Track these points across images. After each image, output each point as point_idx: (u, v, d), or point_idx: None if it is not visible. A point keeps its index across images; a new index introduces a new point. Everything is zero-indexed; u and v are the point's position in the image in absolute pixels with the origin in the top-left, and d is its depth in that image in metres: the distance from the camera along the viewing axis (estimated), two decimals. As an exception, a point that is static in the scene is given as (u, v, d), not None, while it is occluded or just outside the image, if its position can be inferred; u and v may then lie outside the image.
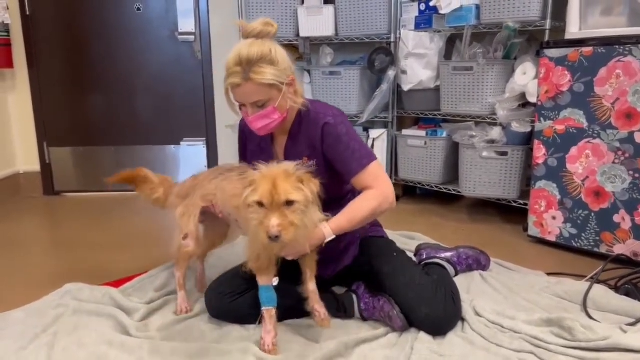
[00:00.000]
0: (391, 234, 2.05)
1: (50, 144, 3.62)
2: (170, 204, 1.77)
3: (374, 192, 1.56)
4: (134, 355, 1.51)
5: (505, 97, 2.67)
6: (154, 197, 1.80)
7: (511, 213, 2.91)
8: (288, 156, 1.68)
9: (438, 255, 2.02)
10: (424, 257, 2.04)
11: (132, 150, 3.62)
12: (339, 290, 1.80)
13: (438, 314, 1.58)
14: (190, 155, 3.62)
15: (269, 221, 1.30)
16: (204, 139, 3.63)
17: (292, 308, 1.64)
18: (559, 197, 2.37)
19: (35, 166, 3.63)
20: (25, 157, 3.62)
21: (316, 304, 1.57)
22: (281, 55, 1.52)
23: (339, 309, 1.72)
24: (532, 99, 2.55)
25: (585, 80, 2.21)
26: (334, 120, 1.60)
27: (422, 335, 1.57)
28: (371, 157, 1.60)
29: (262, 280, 1.51)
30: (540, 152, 2.40)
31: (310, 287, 1.58)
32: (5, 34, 3.28)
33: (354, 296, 1.73)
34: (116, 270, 2.16)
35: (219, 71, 3.54)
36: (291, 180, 1.34)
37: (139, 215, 3.05)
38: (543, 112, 2.37)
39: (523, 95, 2.65)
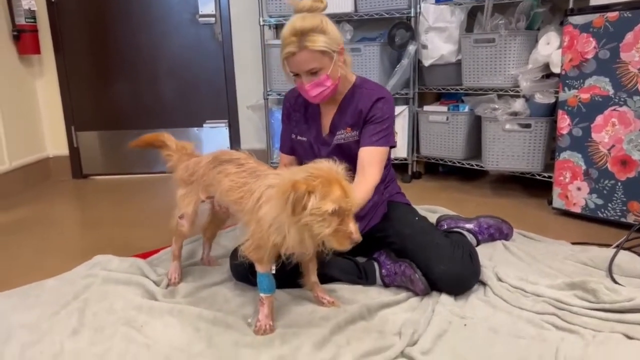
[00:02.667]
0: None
1: (78, 129, 3.71)
2: (174, 180, 1.78)
3: (366, 184, 1.63)
4: (162, 320, 1.55)
5: (528, 68, 2.62)
6: (168, 164, 1.83)
7: (535, 187, 2.87)
8: (333, 126, 1.79)
9: (459, 225, 2.03)
10: (445, 227, 2.04)
11: (157, 133, 3.68)
12: (360, 259, 1.81)
13: (456, 270, 1.61)
14: (212, 137, 3.67)
15: (348, 228, 1.26)
16: (226, 120, 3.67)
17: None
18: (584, 167, 2.33)
19: (64, 150, 3.72)
20: (54, 142, 3.72)
21: (320, 292, 1.61)
22: (331, 26, 1.62)
23: (360, 276, 1.74)
24: (556, 69, 2.50)
25: (611, 47, 2.16)
26: (389, 98, 1.74)
27: (444, 298, 1.58)
28: (386, 142, 1.70)
29: (261, 268, 1.48)
30: (564, 123, 2.36)
31: (312, 278, 1.61)
32: (32, 20, 3.36)
33: (376, 263, 1.75)
34: (143, 245, 2.21)
35: (239, 53, 3.57)
36: (348, 182, 1.30)
37: (164, 196, 3.11)
38: (567, 81, 2.33)
39: (547, 66, 2.60)
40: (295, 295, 1.67)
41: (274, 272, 1.51)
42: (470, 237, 1.99)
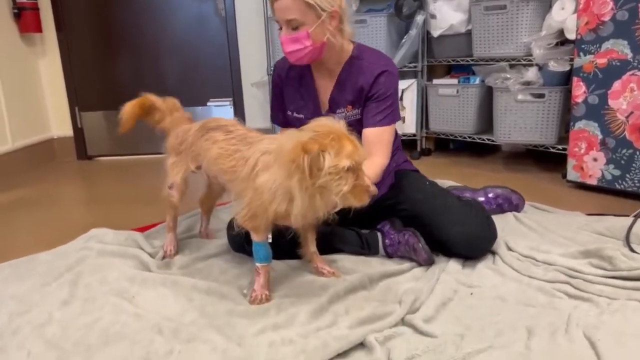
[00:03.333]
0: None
1: (82, 109, 3.66)
2: (165, 148, 1.70)
3: (378, 163, 1.56)
4: (155, 290, 1.49)
5: (541, 35, 2.50)
6: (160, 126, 1.73)
7: (549, 160, 2.76)
8: (333, 102, 1.66)
9: (464, 195, 1.93)
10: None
11: (161, 113, 3.62)
12: (364, 232, 1.73)
13: (471, 230, 1.54)
14: (217, 116, 3.59)
15: (364, 182, 1.22)
16: (231, 98, 3.60)
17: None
18: (600, 136, 2.22)
19: (68, 131, 3.69)
20: (58, 122, 3.68)
21: (320, 263, 1.54)
22: None
23: (363, 247, 1.66)
24: (571, 36, 2.38)
25: (630, 7, 2.04)
26: (392, 70, 1.61)
27: (450, 266, 1.50)
28: (392, 120, 1.61)
29: (257, 237, 1.41)
30: (579, 90, 2.25)
31: (312, 248, 1.54)
32: (33, -2, 3.31)
33: (379, 233, 1.67)
34: (144, 221, 2.16)
35: (242, 28, 3.48)
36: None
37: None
38: (583, 46, 2.21)
39: (561, 33, 2.48)
40: (293, 266, 1.60)
41: (270, 241, 1.44)
42: None
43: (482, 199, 1.94)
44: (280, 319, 1.28)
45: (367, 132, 1.59)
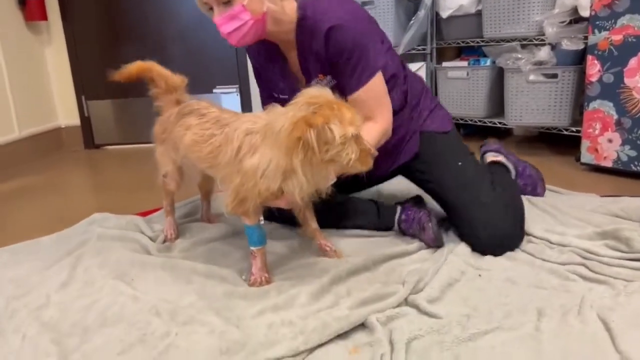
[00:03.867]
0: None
1: (89, 98, 3.64)
2: (152, 137, 1.64)
3: (376, 128, 1.37)
4: (154, 273, 1.47)
5: (554, 13, 2.42)
6: (155, 103, 1.64)
7: (562, 144, 2.68)
8: (307, 74, 1.48)
9: (507, 155, 1.85)
10: (492, 148, 1.89)
11: (167, 101, 3.59)
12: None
13: (503, 233, 1.43)
14: (223, 103, 3.56)
15: (366, 145, 1.18)
16: (237, 86, 3.55)
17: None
18: (615, 117, 2.14)
19: (75, 120, 3.67)
20: (65, 111, 3.66)
21: (322, 240, 1.48)
22: None
23: (378, 216, 1.59)
24: (585, 13, 2.29)
25: (647, -20, 1.95)
26: (342, 22, 1.32)
27: (459, 248, 1.44)
28: (369, 75, 1.36)
29: (248, 221, 1.35)
30: (594, 69, 2.17)
31: (313, 225, 1.48)
32: (37, -15, 3.28)
33: (399, 207, 1.59)
34: (148, 206, 2.13)
35: (249, 14, 3.42)
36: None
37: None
38: (597, 22, 2.12)
39: (575, 10, 2.39)
40: (294, 248, 1.56)
41: (262, 222, 1.39)
42: (513, 173, 1.83)
43: (520, 168, 1.84)
44: (280, 300, 1.24)
45: (350, 99, 1.38)
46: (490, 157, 1.87)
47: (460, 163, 1.54)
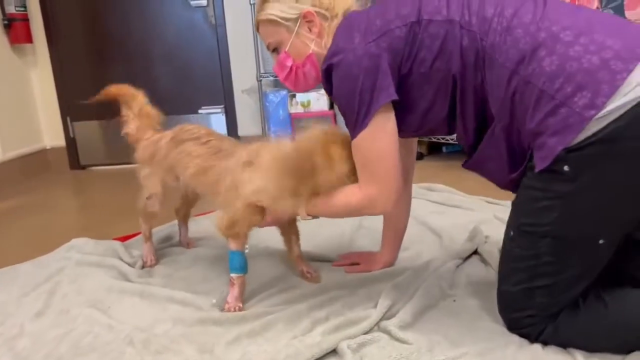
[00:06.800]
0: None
1: (74, 119, 3.64)
2: (135, 158, 1.68)
3: (357, 194, 1.19)
4: (131, 301, 1.47)
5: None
6: (125, 128, 1.70)
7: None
8: None
9: None
10: None
11: (153, 121, 3.61)
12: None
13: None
14: (209, 124, 3.58)
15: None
16: (222, 106, 3.57)
17: None
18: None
19: (61, 141, 3.67)
20: (51, 133, 3.66)
21: (304, 267, 1.52)
22: None
23: None
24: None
25: None
26: (340, 61, 1.11)
27: (440, 272, 1.45)
28: (352, 134, 1.15)
29: (234, 246, 1.36)
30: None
31: (296, 251, 1.52)
32: (22, 8, 3.30)
33: None
34: (132, 230, 2.12)
35: (233, 35, 3.46)
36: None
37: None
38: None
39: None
40: (277, 271, 1.58)
41: (247, 250, 1.41)
42: None
43: None
44: (256, 326, 1.25)
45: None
46: None
47: (511, 233, 1.11)
